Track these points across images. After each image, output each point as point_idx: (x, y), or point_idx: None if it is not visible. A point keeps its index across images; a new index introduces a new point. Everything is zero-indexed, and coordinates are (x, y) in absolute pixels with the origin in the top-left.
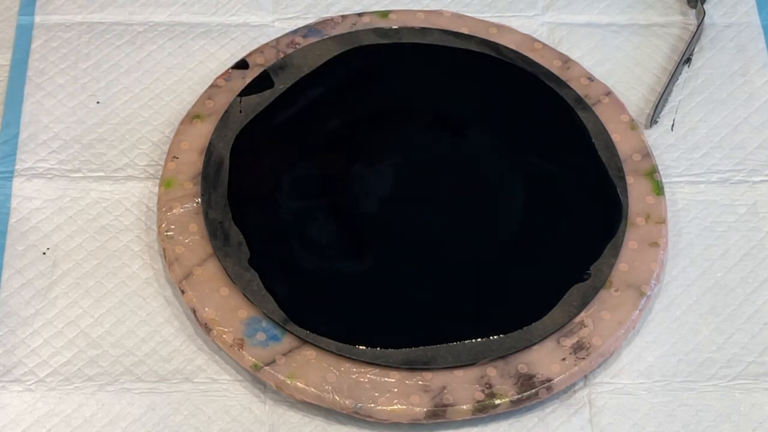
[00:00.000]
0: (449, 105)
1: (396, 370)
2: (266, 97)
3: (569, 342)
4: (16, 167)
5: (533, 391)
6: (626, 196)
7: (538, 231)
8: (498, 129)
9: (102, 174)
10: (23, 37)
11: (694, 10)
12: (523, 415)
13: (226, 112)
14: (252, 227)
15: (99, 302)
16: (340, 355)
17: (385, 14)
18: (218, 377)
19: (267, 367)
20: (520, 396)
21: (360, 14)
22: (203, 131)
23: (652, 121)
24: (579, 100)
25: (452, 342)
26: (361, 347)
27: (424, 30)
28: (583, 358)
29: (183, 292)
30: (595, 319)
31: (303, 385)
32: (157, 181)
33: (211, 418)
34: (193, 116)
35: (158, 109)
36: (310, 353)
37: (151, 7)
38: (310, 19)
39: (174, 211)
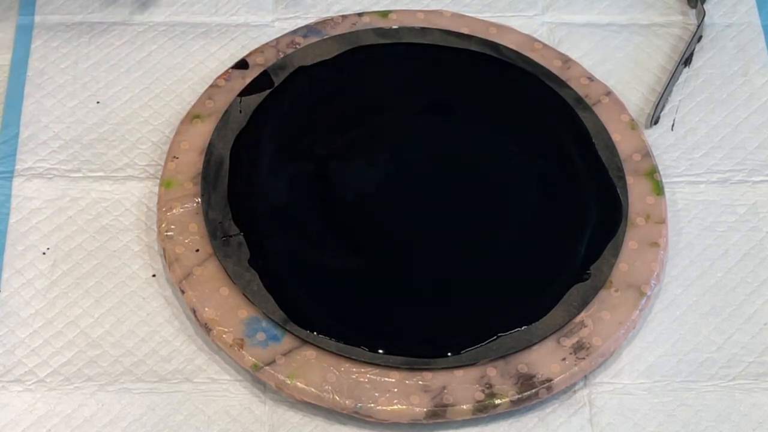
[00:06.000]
0: (449, 105)
1: (396, 370)
2: (266, 97)
3: (569, 342)
4: (16, 167)
5: (533, 391)
6: (626, 196)
7: (538, 231)
8: (498, 129)
9: (102, 174)
10: (23, 37)
11: (694, 10)
12: (523, 415)
13: (226, 112)
14: (252, 227)
15: (99, 302)
16: (340, 355)
17: (385, 14)
18: (218, 377)
19: (267, 367)
20: (520, 396)
21: (360, 14)
22: (203, 131)
23: (652, 121)
24: (579, 100)
25: (453, 342)
26: (361, 347)
27: (424, 30)
28: (583, 358)
29: (183, 292)
30: (595, 319)
31: (303, 385)
32: (157, 181)
33: (211, 418)
34: (193, 116)
35: (158, 109)
36: (310, 353)
37: (151, 7)
38: (310, 19)
39: (174, 211)
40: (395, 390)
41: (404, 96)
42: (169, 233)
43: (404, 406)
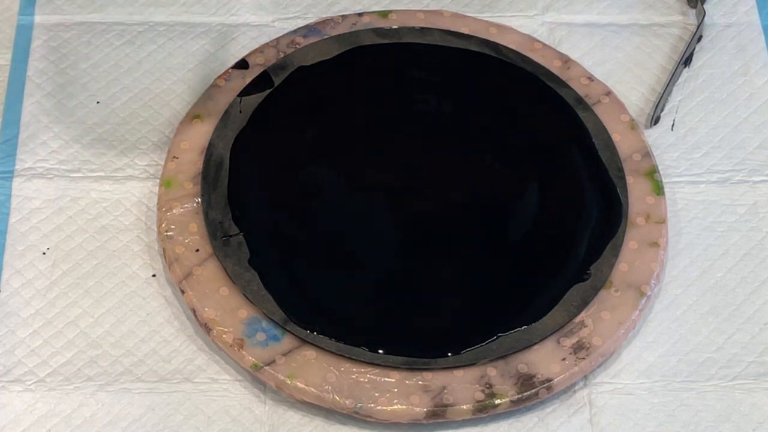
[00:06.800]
0: (449, 105)
1: (396, 370)
2: (266, 97)
3: (569, 342)
4: (16, 167)
5: (533, 391)
6: (626, 196)
7: (538, 231)
8: (498, 129)
9: (102, 174)
10: (23, 37)
11: (694, 10)
12: (523, 415)
13: (226, 112)
14: (252, 227)
15: (99, 302)
16: (340, 355)
17: (385, 14)
18: (218, 377)
19: (267, 367)
20: (520, 396)
21: (360, 14)
22: (203, 131)
23: (652, 121)
24: (579, 100)
25: (453, 342)
26: (361, 347)
27: (424, 30)
28: (583, 358)
29: (183, 292)
30: (595, 319)
31: (303, 385)
32: (157, 181)
33: (211, 418)
34: (193, 116)
35: (158, 109)
36: (310, 353)
37: (151, 7)
38: (310, 19)
39: (174, 211)
40: (395, 390)
41: (404, 96)
42: (169, 233)
43: (404, 406)
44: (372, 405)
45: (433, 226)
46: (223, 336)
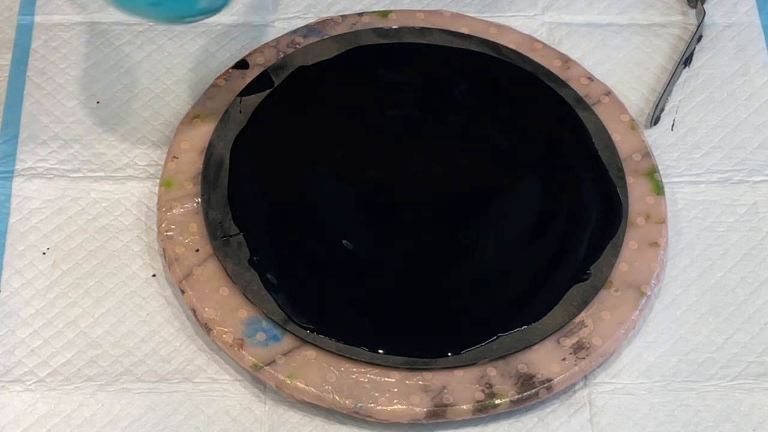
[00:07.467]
0: (449, 105)
1: (396, 370)
2: (266, 97)
3: (569, 342)
4: (16, 167)
5: (533, 391)
6: (626, 196)
7: (538, 231)
8: (498, 129)
9: (102, 174)
10: (23, 37)
11: (694, 10)
12: (523, 415)
13: (226, 112)
14: (252, 227)
15: (99, 302)
16: (340, 355)
17: (385, 14)
18: (218, 377)
19: (267, 367)
20: (520, 396)
21: (360, 14)
22: (203, 131)
23: (652, 121)
24: (579, 100)
25: (453, 342)
26: (361, 347)
27: (424, 30)
28: (583, 358)
29: (183, 292)
30: (595, 319)
31: (303, 385)
32: (157, 181)
33: (211, 418)
34: (193, 116)
35: (158, 109)
36: (310, 353)
37: None
38: (310, 19)
39: (174, 211)
40: (395, 390)
41: (404, 96)
42: (169, 233)
43: (404, 406)
44: (372, 405)
45: (434, 226)
46: (223, 336)
